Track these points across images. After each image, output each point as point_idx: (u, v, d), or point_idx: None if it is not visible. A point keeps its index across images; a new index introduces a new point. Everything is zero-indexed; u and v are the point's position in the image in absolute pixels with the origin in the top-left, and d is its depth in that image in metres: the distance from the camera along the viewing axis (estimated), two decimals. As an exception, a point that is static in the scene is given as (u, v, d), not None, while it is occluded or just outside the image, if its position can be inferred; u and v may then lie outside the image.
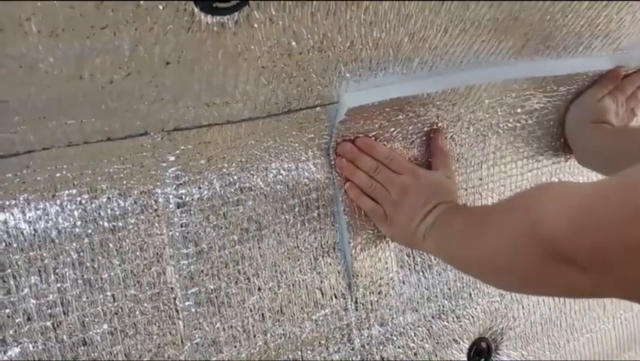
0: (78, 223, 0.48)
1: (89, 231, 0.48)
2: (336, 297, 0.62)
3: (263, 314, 0.58)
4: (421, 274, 0.68)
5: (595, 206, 0.36)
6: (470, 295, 0.72)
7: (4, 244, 0.45)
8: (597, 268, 0.36)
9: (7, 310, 0.46)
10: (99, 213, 0.49)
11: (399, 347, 0.68)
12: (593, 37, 0.66)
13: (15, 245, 0.46)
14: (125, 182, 0.49)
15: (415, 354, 0.69)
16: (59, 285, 0.48)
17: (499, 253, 0.46)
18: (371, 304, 0.65)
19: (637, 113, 0.76)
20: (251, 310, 0.57)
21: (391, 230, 0.62)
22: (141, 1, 0.36)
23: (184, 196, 0.52)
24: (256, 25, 0.42)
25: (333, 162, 0.60)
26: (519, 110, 0.70)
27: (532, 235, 0.40)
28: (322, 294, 0.61)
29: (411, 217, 0.59)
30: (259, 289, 0.57)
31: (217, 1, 0.39)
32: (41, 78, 0.37)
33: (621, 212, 0.34)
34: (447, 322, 0.71)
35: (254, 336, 0.58)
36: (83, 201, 0.48)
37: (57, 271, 0.47)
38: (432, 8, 0.50)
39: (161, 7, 0.37)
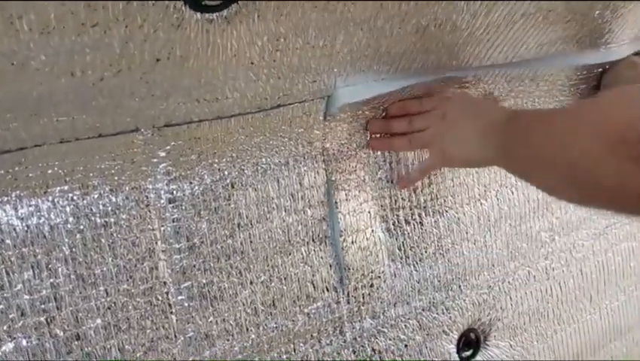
0: (70, 219, 0.48)
1: (82, 227, 0.49)
2: (327, 290, 0.63)
3: (255, 308, 0.59)
4: (412, 267, 0.69)
5: None
6: (460, 287, 0.73)
7: None
8: None
9: (1, 306, 0.46)
10: (91, 209, 0.49)
11: (390, 339, 0.69)
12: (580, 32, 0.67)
13: (8, 241, 0.46)
14: (116, 178, 0.50)
15: (405, 346, 0.70)
16: (52, 280, 0.48)
17: (584, 157, 0.44)
18: (363, 297, 0.66)
19: None
20: (243, 304, 0.58)
21: (445, 161, 0.63)
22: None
23: (175, 191, 0.53)
24: (244, 22, 0.42)
25: (323, 156, 0.61)
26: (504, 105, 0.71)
27: (627, 139, 0.40)
28: (314, 287, 0.62)
29: (465, 139, 0.58)
30: (251, 283, 0.58)
31: (206, -1, 0.40)
32: (33, 75, 0.38)
33: None
34: (437, 314, 0.72)
35: (247, 330, 0.58)
36: (75, 198, 0.48)
37: (50, 266, 0.48)
38: (416, 5, 0.50)
39: (151, 5, 0.37)
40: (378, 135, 0.64)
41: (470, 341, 0.76)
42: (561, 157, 0.46)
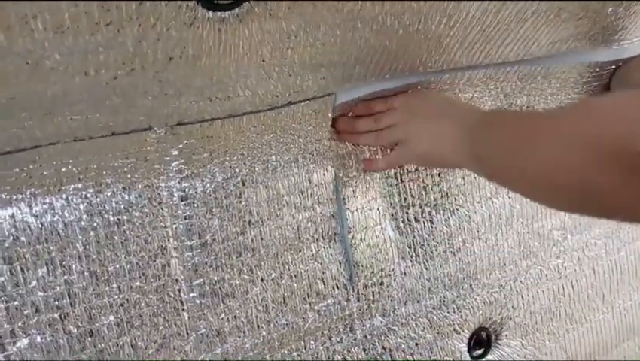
0: (84, 217, 0.49)
1: (95, 224, 0.49)
2: (338, 288, 0.63)
3: (266, 305, 0.59)
4: (422, 265, 0.69)
5: None
6: (471, 285, 0.73)
7: (11, 237, 0.46)
8: None
9: (16, 303, 0.47)
10: (104, 207, 0.50)
11: (400, 338, 0.69)
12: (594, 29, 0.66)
13: (22, 238, 0.47)
14: (129, 176, 0.50)
15: (416, 344, 0.70)
16: (65, 277, 0.48)
17: (572, 167, 0.42)
18: (373, 295, 0.66)
19: None
20: (254, 301, 0.58)
21: (415, 159, 0.62)
22: None
23: (187, 189, 0.53)
24: (256, 21, 0.43)
25: (331, 153, 0.61)
26: (503, 99, 0.71)
27: (624, 151, 0.38)
28: (324, 284, 0.62)
29: (433, 139, 0.56)
30: (262, 280, 0.58)
31: (218, -3, 0.40)
32: (47, 74, 0.38)
33: None
34: (448, 312, 0.72)
35: (258, 327, 0.59)
36: (89, 195, 0.49)
37: (64, 263, 0.48)
38: (426, 2, 0.50)
39: (164, 4, 0.38)
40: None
41: (482, 340, 0.76)
42: (546, 169, 0.43)
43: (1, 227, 0.46)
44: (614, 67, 0.76)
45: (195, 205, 0.54)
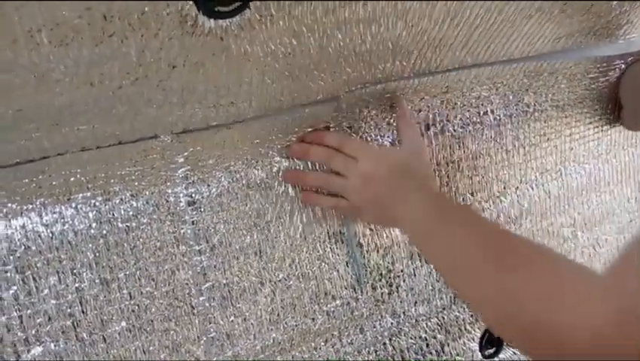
0: (93, 225, 0.50)
1: (104, 232, 0.50)
2: (346, 288, 0.63)
3: (275, 307, 0.59)
4: (431, 265, 0.69)
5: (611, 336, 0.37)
6: (481, 284, 0.73)
7: (23, 247, 0.47)
8: None
9: (29, 311, 0.47)
10: (113, 215, 0.50)
11: (411, 338, 0.69)
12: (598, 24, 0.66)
13: (33, 248, 0.47)
14: (137, 183, 0.51)
15: (427, 345, 0.70)
16: (77, 285, 0.49)
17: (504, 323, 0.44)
18: (382, 296, 0.66)
19: None
20: (263, 303, 0.58)
21: (364, 218, 0.61)
22: (146, 8, 0.37)
23: (193, 195, 0.54)
24: (257, 27, 0.43)
25: None
26: (511, 97, 0.71)
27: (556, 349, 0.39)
28: (332, 285, 0.63)
29: (380, 207, 0.56)
30: (270, 281, 0.59)
31: (219, 5, 0.40)
32: (53, 86, 0.39)
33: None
34: (458, 312, 0.72)
35: (268, 329, 0.59)
36: (98, 204, 0.49)
37: (75, 271, 0.49)
38: (429, 2, 0.50)
39: (165, 13, 0.38)
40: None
41: (493, 339, 0.76)
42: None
43: (13, 237, 0.46)
44: (622, 62, 0.75)
45: (202, 210, 0.54)
